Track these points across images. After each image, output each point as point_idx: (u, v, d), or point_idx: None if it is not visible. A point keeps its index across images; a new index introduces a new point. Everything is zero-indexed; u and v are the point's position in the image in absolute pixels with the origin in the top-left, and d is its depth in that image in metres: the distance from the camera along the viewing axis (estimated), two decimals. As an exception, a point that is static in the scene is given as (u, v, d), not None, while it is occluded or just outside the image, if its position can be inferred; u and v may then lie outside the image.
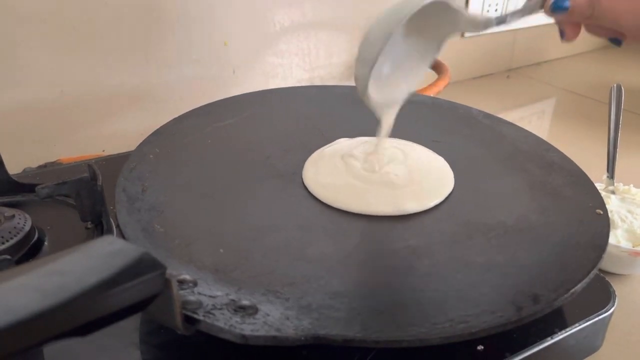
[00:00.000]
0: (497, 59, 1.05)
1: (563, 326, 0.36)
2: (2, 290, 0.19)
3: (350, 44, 0.85)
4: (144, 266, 0.23)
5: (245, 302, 0.30)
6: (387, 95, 0.43)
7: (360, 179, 0.44)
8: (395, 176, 0.45)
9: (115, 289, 0.21)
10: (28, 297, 0.19)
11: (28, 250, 0.41)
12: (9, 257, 0.35)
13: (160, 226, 0.38)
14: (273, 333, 0.28)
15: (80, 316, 0.20)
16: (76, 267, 0.21)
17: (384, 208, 0.42)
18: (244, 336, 0.27)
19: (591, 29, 0.41)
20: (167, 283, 0.24)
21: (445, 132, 0.55)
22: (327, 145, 0.50)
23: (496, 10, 0.99)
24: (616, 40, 0.41)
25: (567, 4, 0.39)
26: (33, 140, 0.64)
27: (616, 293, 0.39)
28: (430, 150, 0.51)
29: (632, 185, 0.56)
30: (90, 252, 0.22)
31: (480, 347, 0.34)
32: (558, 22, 0.41)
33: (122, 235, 0.37)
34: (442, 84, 0.77)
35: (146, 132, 0.50)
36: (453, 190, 0.45)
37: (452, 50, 0.96)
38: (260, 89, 0.62)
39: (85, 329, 0.21)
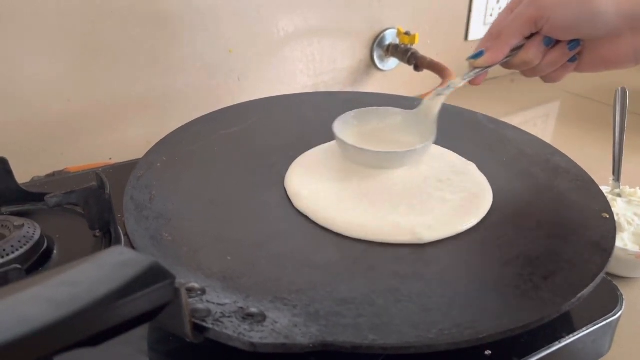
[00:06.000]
0: (501, 63, 1.05)
1: (571, 330, 0.36)
2: (15, 302, 0.20)
3: (354, 49, 0.85)
4: (153, 276, 0.23)
5: (253, 310, 0.30)
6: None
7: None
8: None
9: (126, 299, 0.21)
10: (40, 308, 0.19)
11: (38, 259, 0.41)
12: (19, 266, 0.36)
13: (168, 234, 0.38)
14: (282, 340, 0.28)
15: (92, 326, 0.20)
16: (87, 277, 0.21)
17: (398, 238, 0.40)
18: (252, 344, 0.27)
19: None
20: (176, 292, 0.24)
21: (450, 137, 0.55)
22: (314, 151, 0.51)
23: (499, 13, 0.99)
24: (575, 45, 0.42)
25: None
26: (41, 149, 0.64)
27: (624, 296, 0.39)
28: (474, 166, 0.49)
29: (638, 188, 0.56)
30: (101, 263, 0.22)
31: (488, 352, 0.34)
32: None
33: (130, 243, 0.37)
34: (446, 88, 0.77)
35: (152, 139, 0.50)
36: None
37: (455, 55, 0.96)
38: (265, 96, 0.62)
39: (97, 339, 0.21)
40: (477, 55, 0.45)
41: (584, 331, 0.36)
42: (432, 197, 0.43)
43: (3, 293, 0.20)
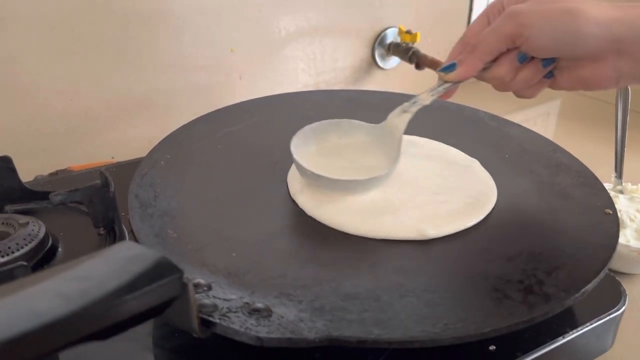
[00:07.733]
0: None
1: (574, 326, 0.36)
2: (27, 296, 0.20)
3: (355, 48, 0.85)
4: (161, 270, 0.23)
5: (259, 305, 0.30)
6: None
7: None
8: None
9: (135, 293, 0.22)
10: (51, 302, 0.20)
11: (43, 256, 0.41)
12: (24, 263, 0.36)
13: (172, 231, 0.39)
14: (288, 335, 0.28)
15: (102, 320, 0.21)
16: (97, 272, 0.22)
17: (403, 234, 0.40)
18: (259, 338, 0.28)
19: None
20: (184, 287, 0.24)
21: (452, 134, 0.55)
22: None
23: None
24: (549, 62, 0.39)
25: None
26: (43, 148, 0.64)
27: (626, 292, 0.39)
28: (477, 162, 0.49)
29: (640, 184, 0.56)
30: (110, 258, 0.23)
31: (492, 347, 0.34)
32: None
33: (135, 241, 0.37)
34: (447, 86, 0.77)
35: (154, 138, 0.50)
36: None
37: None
38: (267, 95, 0.63)
39: (106, 332, 0.21)
40: (449, 68, 0.42)
41: (587, 326, 0.37)
42: (436, 194, 0.44)
43: (14, 287, 0.20)
